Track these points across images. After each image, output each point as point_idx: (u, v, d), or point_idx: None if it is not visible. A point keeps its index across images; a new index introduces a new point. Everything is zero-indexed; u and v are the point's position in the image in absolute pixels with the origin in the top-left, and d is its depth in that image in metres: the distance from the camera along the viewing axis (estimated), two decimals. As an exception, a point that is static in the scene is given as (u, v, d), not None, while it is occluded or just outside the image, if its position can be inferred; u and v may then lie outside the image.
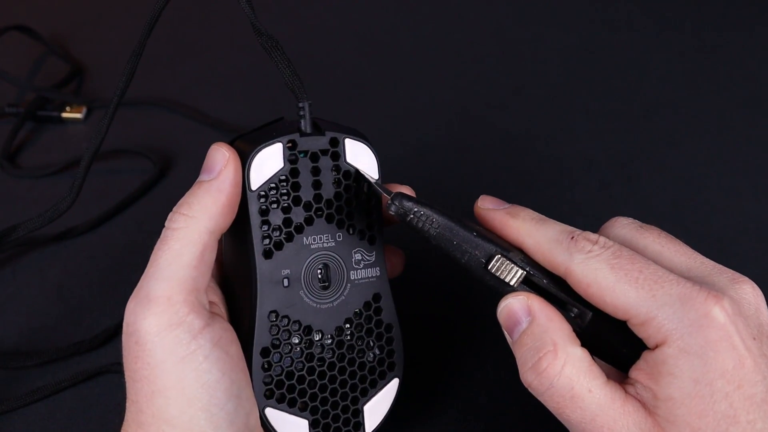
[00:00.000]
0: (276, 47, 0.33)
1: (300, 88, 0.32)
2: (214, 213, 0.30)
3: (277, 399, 0.32)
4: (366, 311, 0.34)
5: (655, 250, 0.30)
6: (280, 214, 0.32)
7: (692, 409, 0.26)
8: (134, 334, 0.29)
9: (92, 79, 0.70)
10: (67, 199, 0.37)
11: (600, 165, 0.57)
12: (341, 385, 0.33)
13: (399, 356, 0.35)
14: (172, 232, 0.30)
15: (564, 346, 0.28)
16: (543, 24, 0.76)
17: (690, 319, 0.26)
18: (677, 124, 0.61)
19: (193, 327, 0.29)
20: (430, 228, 0.31)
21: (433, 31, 0.76)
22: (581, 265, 0.28)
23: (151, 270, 0.29)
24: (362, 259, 0.34)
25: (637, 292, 0.27)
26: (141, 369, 0.28)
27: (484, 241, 0.30)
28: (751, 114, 0.62)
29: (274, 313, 0.32)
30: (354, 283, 0.33)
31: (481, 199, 0.33)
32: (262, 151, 0.31)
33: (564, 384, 0.28)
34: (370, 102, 0.65)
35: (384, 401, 0.34)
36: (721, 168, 0.56)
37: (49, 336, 0.45)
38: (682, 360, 0.26)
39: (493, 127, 0.62)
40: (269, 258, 0.32)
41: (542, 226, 0.30)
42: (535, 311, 0.29)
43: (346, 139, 0.33)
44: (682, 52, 0.70)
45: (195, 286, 0.29)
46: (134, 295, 0.29)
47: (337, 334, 0.33)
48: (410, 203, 0.31)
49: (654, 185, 0.55)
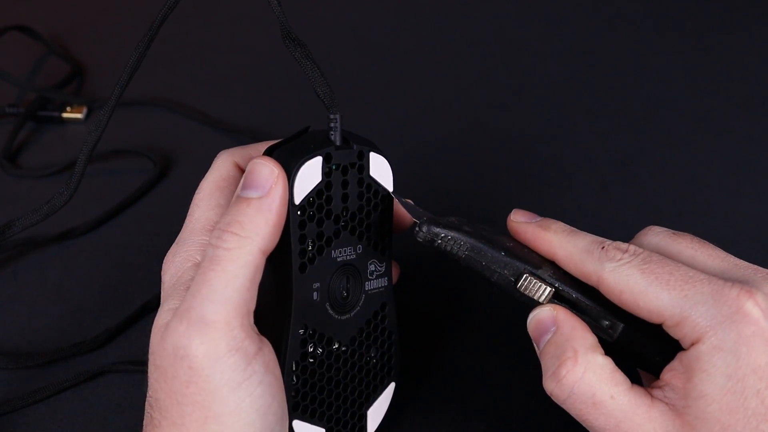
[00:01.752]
0: (307, 55, 0.32)
1: (332, 99, 0.32)
2: (267, 234, 0.29)
3: (302, 411, 0.32)
4: (374, 320, 0.34)
5: (688, 255, 0.30)
6: (314, 227, 0.31)
7: (723, 406, 0.26)
8: (187, 358, 0.27)
9: (93, 80, 0.70)
10: (64, 194, 0.35)
11: (600, 165, 0.57)
12: (351, 393, 0.34)
13: (396, 361, 0.35)
14: (226, 253, 0.28)
15: (585, 354, 0.29)
16: (543, 24, 0.76)
17: (723, 315, 0.26)
18: (677, 124, 0.61)
19: (249, 353, 0.28)
20: (458, 251, 0.31)
21: (433, 32, 0.76)
22: (613, 273, 0.29)
23: (204, 291, 0.28)
24: (375, 269, 0.34)
25: (669, 294, 0.27)
26: (194, 394, 0.28)
27: (512, 260, 0.31)
28: (751, 114, 0.62)
29: (304, 326, 0.32)
30: (368, 294, 0.34)
31: (513, 212, 0.33)
32: (306, 164, 0.30)
33: (585, 391, 0.28)
34: (370, 102, 0.65)
35: (383, 405, 0.35)
36: (721, 168, 0.56)
37: (50, 336, 0.45)
38: (715, 356, 0.26)
39: (493, 128, 0.62)
40: (303, 272, 0.31)
41: (573, 237, 0.31)
42: (560, 321, 0.30)
43: (371, 153, 0.33)
44: (682, 52, 0.70)
45: (248, 309, 0.29)
46: (183, 317, 0.28)
47: (350, 344, 0.34)
48: (438, 228, 0.31)
49: (654, 185, 0.55)
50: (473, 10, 0.78)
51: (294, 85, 0.66)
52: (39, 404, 0.41)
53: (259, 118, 0.64)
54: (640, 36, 0.73)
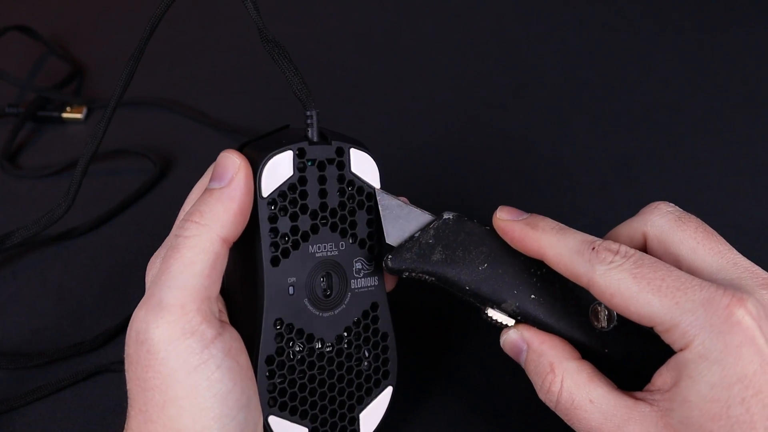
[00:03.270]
0: (283, 54, 0.32)
1: (308, 97, 0.32)
2: (226, 221, 0.30)
3: (280, 407, 0.32)
4: (364, 320, 0.34)
5: (689, 246, 0.30)
6: (287, 221, 0.32)
7: (706, 413, 0.26)
8: (146, 342, 0.28)
9: (92, 80, 0.70)
10: (62, 206, 0.37)
11: (600, 165, 0.57)
12: (339, 393, 0.33)
13: (393, 365, 0.35)
14: (184, 240, 0.29)
15: (560, 363, 0.30)
16: (543, 24, 0.76)
17: (712, 324, 0.26)
18: (677, 124, 0.61)
19: (206, 336, 0.28)
20: (426, 279, 0.33)
21: (433, 31, 0.76)
22: (603, 276, 0.29)
23: (163, 278, 0.29)
24: (362, 268, 0.34)
25: (660, 301, 0.27)
26: (152, 378, 0.28)
27: (477, 291, 0.32)
28: (751, 114, 0.62)
29: (279, 321, 0.32)
30: (354, 292, 0.34)
31: (499, 210, 0.33)
32: (274, 158, 0.31)
33: (566, 398, 0.30)
34: (369, 102, 0.65)
35: (378, 409, 0.35)
36: (721, 168, 0.56)
37: (50, 337, 0.45)
38: (701, 365, 0.26)
39: (493, 128, 0.62)
40: (276, 266, 0.31)
41: (563, 236, 0.30)
42: (528, 340, 0.32)
43: (351, 149, 0.33)
44: (683, 52, 0.70)
45: (207, 295, 0.29)
46: (144, 303, 0.29)
47: (336, 343, 0.33)
48: (402, 266, 0.32)
49: (654, 185, 0.55)
50: (473, 10, 0.78)
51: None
52: (39, 404, 0.41)
53: (259, 118, 0.64)
54: (640, 36, 0.73)
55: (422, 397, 0.41)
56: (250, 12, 0.33)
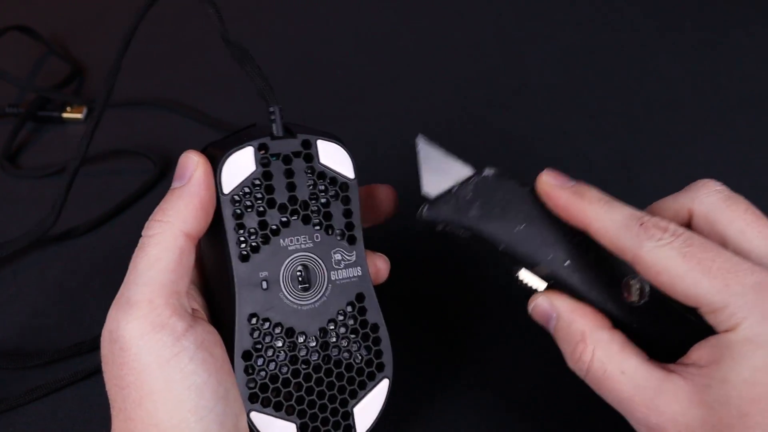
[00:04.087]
0: (246, 56, 0.33)
1: (270, 93, 0.33)
2: (187, 216, 0.30)
3: (262, 402, 0.32)
4: (350, 311, 0.34)
5: (738, 227, 0.30)
6: (254, 217, 0.32)
7: (745, 395, 0.26)
8: (118, 340, 0.29)
9: (93, 80, 0.70)
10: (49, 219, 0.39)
11: (600, 165, 0.57)
12: (328, 388, 0.33)
13: (387, 356, 0.34)
14: (149, 239, 0.30)
15: (591, 333, 0.30)
16: (543, 24, 0.76)
17: (762, 309, 0.26)
18: (677, 124, 0.61)
19: (176, 329, 0.29)
20: (459, 234, 0.32)
21: (432, 31, 0.76)
22: (651, 253, 0.28)
23: (131, 276, 0.30)
24: (342, 259, 0.34)
25: (710, 282, 0.27)
26: (127, 375, 0.28)
27: (512, 251, 0.31)
28: (751, 114, 0.62)
29: (254, 316, 0.32)
30: (335, 284, 0.33)
31: (545, 173, 0.32)
32: (233, 155, 0.32)
33: (597, 367, 0.29)
34: (369, 102, 0.65)
35: (375, 402, 0.34)
36: (721, 168, 0.56)
37: (50, 336, 0.45)
38: (746, 347, 0.26)
39: (493, 128, 0.62)
40: (246, 261, 0.32)
41: (610, 209, 0.30)
42: (557, 307, 0.31)
43: (318, 141, 0.33)
44: (683, 52, 0.70)
45: (175, 289, 0.30)
46: (114, 302, 0.29)
47: (321, 336, 0.33)
48: (437, 218, 0.32)
49: (654, 185, 0.55)
50: (473, 9, 0.78)
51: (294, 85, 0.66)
52: (39, 403, 0.41)
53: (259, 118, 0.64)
54: (641, 36, 0.73)
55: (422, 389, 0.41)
56: (211, 17, 0.34)
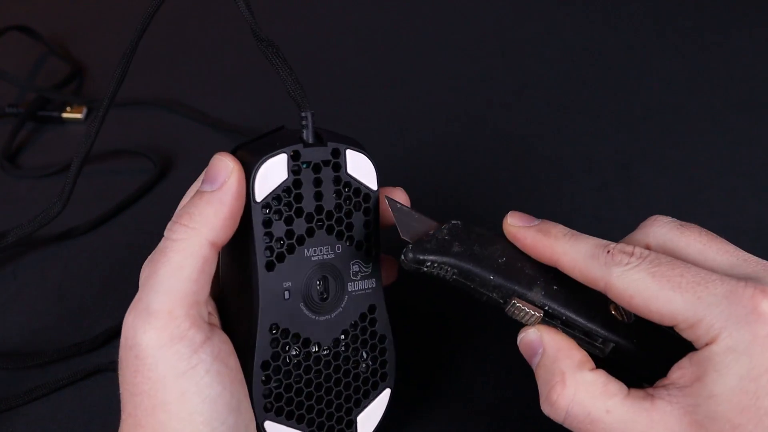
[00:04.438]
0: (277, 54, 0.32)
1: (302, 97, 0.32)
2: (215, 225, 0.29)
3: (276, 412, 0.32)
4: (361, 323, 0.34)
5: (696, 248, 0.30)
6: (282, 225, 0.31)
7: (734, 405, 0.26)
8: (134, 347, 0.28)
9: (92, 79, 0.70)
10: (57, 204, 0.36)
11: (600, 165, 0.57)
12: (337, 397, 0.33)
13: (391, 367, 0.35)
14: (172, 243, 0.29)
15: (572, 374, 0.29)
16: (543, 24, 0.76)
17: (738, 316, 0.26)
18: (677, 124, 0.61)
19: (195, 341, 0.28)
20: (445, 275, 0.31)
21: (433, 31, 0.76)
22: (621, 278, 0.28)
23: (151, 282, 0.29)
24: (359, 270, 0.33)
25: (682, 297, 0.27)
26: (141, 383, 0.28)
27: (502, 282, 0.31)
28: (751, 114, 0.62)
29: (274, 326, 0.31)
30: (351, 295, 0.33)
31: (510, 215, 0.32)
32: (267, 161, 0.30)
33: (579, 411, 0.28)
34: (369, 102, 0.65)
35: (377, 411, 0.34)
36: (721, 168, 0.56)
37: (50, 337, 0.45)
38: (729, 357, 0.26)
39: (493, 128, 0.62)
40: (271, 270, 0.31)
41: (576, 242, 0.30)
42: (545, 343, 0.30)
43: (347, 150, 0.32)
44: (682, 52, 0.70)
45: (196, 300, 0.29)
46: (133, 308, 0.29)
47: (333, 346, 0.33)
48: (423, 256, 0.31)
49: (654, 185, 0.55)
50: (473, 9, 0.78)
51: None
52: (38, 403, 0.41)
53: (259, 118, 0.64)
54: (640, 36, 0.73)
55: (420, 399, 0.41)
56: (242, 11, 0.32)
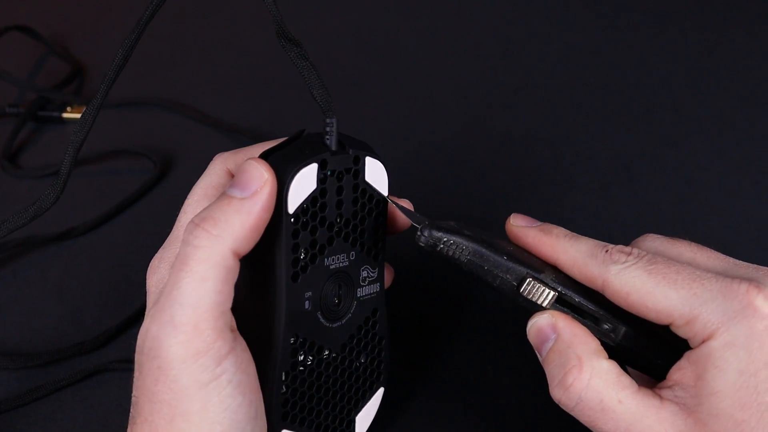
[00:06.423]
0: (304, 56, 0.31)
1: (328, 102, 0.31)
2: (240, 235, 0.28)
3: (291, 420, 0.32)
4: (365, 326, 0.34)
5: (688, 257, 0.30)
6: (308, 236, 0.30)
7: (736, 401, 0.26)
8: (157, 358, 0.28)
9: (93, 80, 0.70)
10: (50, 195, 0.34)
11: (600, 165, 0.57)
12: (340, 399, 0.34)
13: (386, 367, 0.35)
14: (194, 250, 0.28)
15: (589, 360, 0.29)
16: (543, 24, 0.76)
17: (734, 311, 0.26)
18: (677, 124, 0.61)
19: (220, 353, 0.28)
20: (460, 256, 0.31)
21: (433, 31, 0.76)
22: (618, 276, 0.29)
23: (175, 293, 0.28)
24: (368, 275, 0.33)
25: (678, 293, 0.27)
26: (161, 392, 0.28)
27: (515, 264, 0.31)
28: (751, 114, 0.62)
29: (295, 336, 0.31)
30: (359, 300, 0.33)
31: (513, 217, 0.33)
32: (300, 171, 0.29)
33: (592, 397, 0.28)
34: (370, 102, 0.65)
35: (371, 410, 0.35)
36: (721, 168, 0.56)
37: (50, 337, 0.45)
38: (727, 352, 0.26)
39: (493, 128, 0.62)
40: (296, 281, 0.30)
41: (576, 242, 0.31)
42: (560, 328, 0.30)
43: (367, 158, 0.32)
44: (683, 52, 0.70)
45: (221, 311, 0.28)
46: (156, 318, 0.28)
47: (341, 351, 0.33)
48: (440, 233, 0.31)
49: (654, 185, 0.55)
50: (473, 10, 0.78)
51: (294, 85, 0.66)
52: (39, 404, 0.41)
53: (259, 118, 0.64)
54: (640, 36, 0.73)
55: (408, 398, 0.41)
56: (269, 7, 0.30)
